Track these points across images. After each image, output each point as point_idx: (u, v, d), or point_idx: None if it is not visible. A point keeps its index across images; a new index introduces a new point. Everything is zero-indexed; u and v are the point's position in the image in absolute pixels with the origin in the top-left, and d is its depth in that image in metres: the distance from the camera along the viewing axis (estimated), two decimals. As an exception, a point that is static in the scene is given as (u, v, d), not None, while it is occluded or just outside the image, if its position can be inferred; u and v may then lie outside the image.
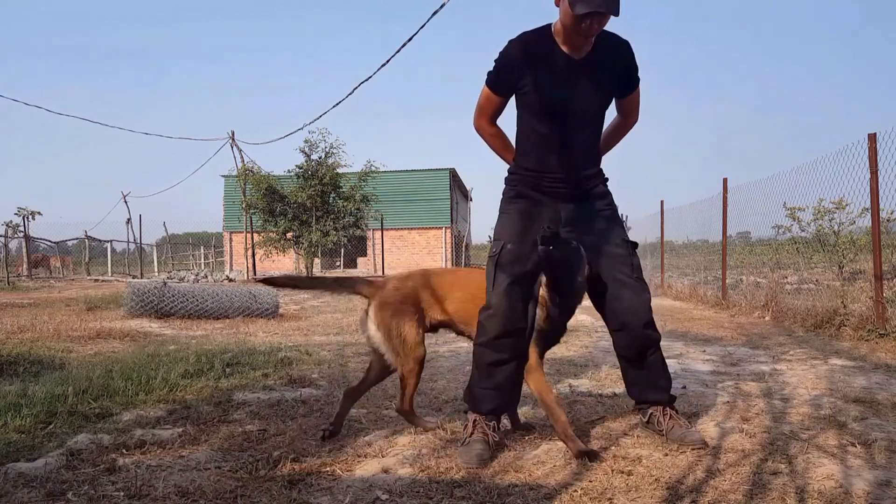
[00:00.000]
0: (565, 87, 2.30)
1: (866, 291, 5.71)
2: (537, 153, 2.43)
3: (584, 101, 2.34)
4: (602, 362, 4.15)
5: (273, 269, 22.11)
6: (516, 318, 2.33)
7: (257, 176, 14.78)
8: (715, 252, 10.40)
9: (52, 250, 28.26)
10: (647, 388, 2.50)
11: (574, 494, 1.90)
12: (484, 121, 2.51)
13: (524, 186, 2.47)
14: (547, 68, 2.29)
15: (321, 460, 2.23)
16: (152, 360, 3.99)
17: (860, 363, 4.10)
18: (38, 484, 2.00)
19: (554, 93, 2.32)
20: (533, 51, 2.29)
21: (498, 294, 2.36)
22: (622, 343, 2.48)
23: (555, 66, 2.28)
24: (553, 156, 2.40)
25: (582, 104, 2.34)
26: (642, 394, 2.52)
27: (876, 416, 2.73)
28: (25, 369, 3.89)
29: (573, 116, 2.35)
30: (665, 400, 2.47)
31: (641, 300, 2.41)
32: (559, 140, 2.38)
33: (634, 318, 2.40)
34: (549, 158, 2.40)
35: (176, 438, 2.48)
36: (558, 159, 2.40)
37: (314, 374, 3.83)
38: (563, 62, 2.28)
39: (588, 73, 2.30)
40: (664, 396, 2.47)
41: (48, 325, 6.38)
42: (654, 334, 2.45)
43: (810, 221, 8.90)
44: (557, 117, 2.35)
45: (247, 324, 6.96)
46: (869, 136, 5.48)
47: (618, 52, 2.34)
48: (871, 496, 1.85)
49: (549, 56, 2.28)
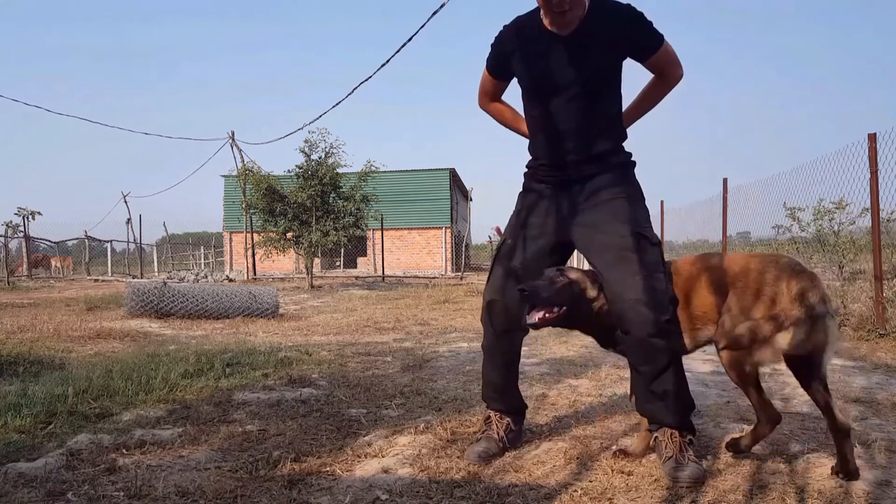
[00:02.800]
0: (548, 66, 2.21)
1: (866, 291, 5.71)
2: (535, 139, 2.39)
3: (569, 78, 2.20)
4: (602, 362, 4.15)
5: (273, 269, 22.10)
6: (514, 313, 2.31)
7: (257, 176, 14.75)
8: (715, 252, 10.38)
9: (52, 250, 28.25)
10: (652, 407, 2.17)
11: (574, 494, 1.90)
12: (485, 101, 2.54)
13: (530, 180, 2.43)
14: (534, 48, 2.24)
15: (321, 460, 2.23)
16: (152, 360, 3.99)
17: (860, 363, 4.10)
18: (38, 484, 2.00)
19: (537, 72, 2.25)
20: (522, 33, 2.26)
21: (493, 289, 2.37)
22: (627, 350, 2.20)
23: (540, 46, 2.22)
24: (545, 140, 2.33)
25: (567, 82, 2.21)
26: (644, 410, 2.23)
27: (876, 416, 2.73)
28: (25, 369, 3.89)
29: (559, 96, 2.23)
30: (672, 424, 2.13)
31: (644, 303, 2.07)
32: (549, 123, 2.29)
33: (637, 324, 2.09)
34: (543, 144, 2.34)
35: (176, 438, 2.48)
36: (549, 144, 2.32)
37: (314, 374, 3.82)
38: (548, 40, 2.20)
39: (575, 48, 2.18)
40: (671, 419, 2.13)
41: (48, 325, 6.38)
42: (659, 343, 2.08)
43: (810, 221, 8.91)
44: (544, 98, 2.27)
45: (247, 324, 6.96)
46: (869, 136, 5.48)
47: (614, 19, 2.17)
48: (871, 496, 1.85)
49: (537, 36, 2.23)
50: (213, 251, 35.22)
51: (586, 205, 2.26)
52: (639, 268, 2.11)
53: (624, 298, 2.11)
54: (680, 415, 2.15)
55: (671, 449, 2.08)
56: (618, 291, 2.14)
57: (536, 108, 2.31)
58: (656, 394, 2.14)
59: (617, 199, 2.23)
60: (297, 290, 13.89)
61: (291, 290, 13.80)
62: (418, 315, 7.82)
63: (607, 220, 2.20)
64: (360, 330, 6.37)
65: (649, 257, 2.14)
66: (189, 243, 41.33)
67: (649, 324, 2.07)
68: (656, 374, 2.12)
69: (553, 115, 2.26)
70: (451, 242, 29.82)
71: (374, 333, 6.09)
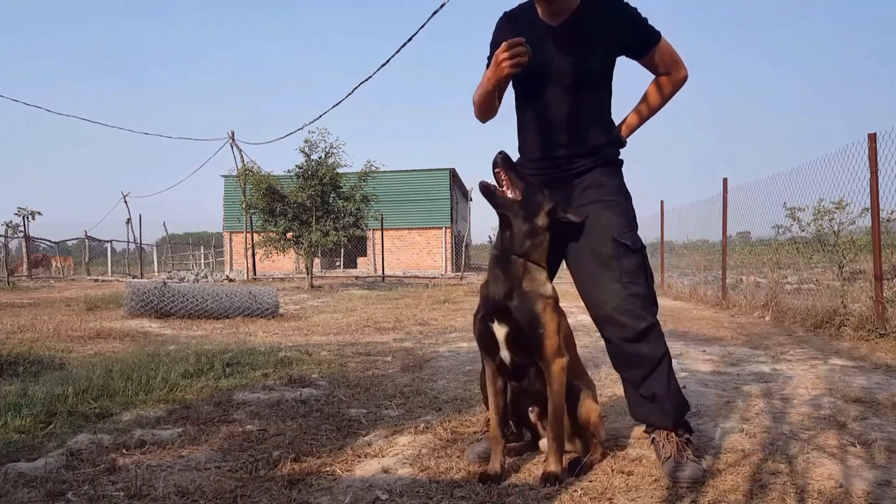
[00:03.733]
0: (542, 55, 2.12)
1: (866, 291, 5.71)
2: (526, 137, 2.32)
3: (562, 68, 2.16)
4: (602, 362, 4.15)
5: (273, 269, 22.11)
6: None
7: (257, 176, 14.76)
8: (715, 252, 10.40)
9: (52, 250, 28.28)
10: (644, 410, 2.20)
11: (574, 494, 1.90)
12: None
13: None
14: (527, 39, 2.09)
15: (321, 460, 2.23)
16: (152, 360, 3.99)
17: (860, 363, 4.10)
18: (38, 484, 2.00)
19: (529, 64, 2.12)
20: (515, 25, 2.23)
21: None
22: (611, 357, 2.22)
23: (533, 36, 2.12)
24: (538, 135, 2.27)
25: (560, 72, 2.16)
26: (637, 414, 2.25)
27: (876, 416, 2.73)
28: (25, 369, 3.89)
29: (551, 86, 2.19)
30: (666, 425, 2.15)
31: (623, 311, 2.09)
32: (541, 115, 2.24)
33: (616, 332, 2.11)
34: (535, 139, 2.28)
35: (176, 438, 2.48)
36: (541, 138, 2.26)
37: (314, 374, 3.82)
38: (542, 30, 2.17)
39: (567, 38, 2.15)
40: (664, 420, 2.15)
41: (48, 325, 6.38)
42: (641, 349, 2.10)
43: (810, 221, 8.90)
44: (537, 88, 2.22)
45: (247, 324, 6.96)
46: (869, 136, 5.48)
47: (606, 11, 2.16)
48: (871, 496, 1.85)
49: (529, 27, 2.19)
50: (213, 251, 35.24)
51: (575, 204, 2.22)
52: (619, 275, 2.11)
53: (603, 306, 2.12)
54: (673, 415, 2.15)
55: (669, 449, 2.08)
56: (597, 299, 2.15)
57: (529, 100, 2.26)
58: (646, 397, 2.16)
59: (603, 201, 2.20)
60: (297, 290, 13.90)
61: (291, 290, 13.80)
62: (418, 315, 7.82)
63: (591, 225, 2.17)
64: (360, 330, 6.37)
65: (629, 264, 2.12)
66: (189, 243, 41.36)
67: (628, 331, 2.09)
68: (642, 379, 2.14)
69: (545, 107, 2.22)
70: (451, 242, 29.83)
71: (374, 333, 6.09)
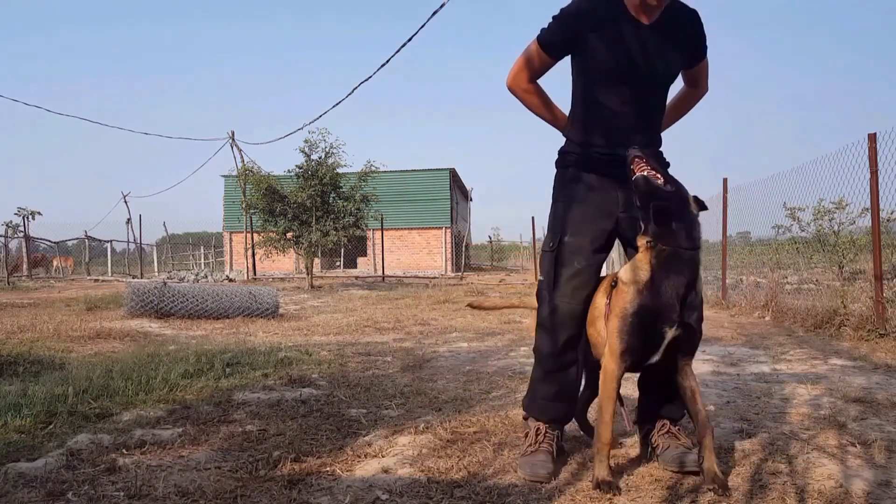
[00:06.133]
0: (630, 53, 2.11)
1: (866, 291, 5.71)
2: (593, 126, 2.23)
3: (648, 69, 2.14)
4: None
5: (273, 269, 22.11)
6: (581, 318, 2.22)
7: (257, 176, 14.76)
8: (715, 252, 10.39)
9: (52, 250, 28.28)
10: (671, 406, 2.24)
11: (574, 494, 1.90)
12: (522, 78, 2.29)
13: (577, 168, 2.27)
14: (613, 32, 2.12)
15: (321, 460, 2.23)
16: (152, 360, 3.99)
17: (860, 363, 4.10)
18: (38, 484, 2.00)
19: (618, 58, 2.12)
20: (600, 13, 2.13)
21: (562, 294, 2.21)
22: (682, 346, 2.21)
23: (621, 31, 2.11)
24: (610, 129, 2.20)
25: (646, 72, 2.15)
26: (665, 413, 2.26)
27: (876, 416, 2.73)
28: (25, 369, 3.89)
29: (635, 85, 2.16)
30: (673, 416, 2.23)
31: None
32: (618, 111, 2.18)
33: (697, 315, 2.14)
34: (606, 132, 2.21)
35: (176, 438, 2.48)
36: (616, 133, 2.18)
37: (314, 374, 3.83)
38: (632, 26, 2.11)
39: (656, 40, 2.12)
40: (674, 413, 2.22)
41: (48, 325, 6.38)
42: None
43: (810, 221, 8.91)
44: (620, 85, 2.16)
45: (247, 324, 6.96)
46: (869, 136, 5.48)
47: (688, 20, 2.17)
48: (871, 496, 1.85)
49: (617, 19, 2.11)
50: (213, 251, 35.24)
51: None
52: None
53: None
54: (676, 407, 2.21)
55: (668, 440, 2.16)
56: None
57: (605, 95, 2.18)
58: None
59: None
60: (297, 290, 13.90)
61: (291, 290, 13.80)
62: (418, 315, 7.82)
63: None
64: (360, 330, 6.37)
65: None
66: (189, 243, 41.37)
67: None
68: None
69: (623, 103, 2.17)
70: (452, 242, 29.82)
71: (374, 333, 6.09)
